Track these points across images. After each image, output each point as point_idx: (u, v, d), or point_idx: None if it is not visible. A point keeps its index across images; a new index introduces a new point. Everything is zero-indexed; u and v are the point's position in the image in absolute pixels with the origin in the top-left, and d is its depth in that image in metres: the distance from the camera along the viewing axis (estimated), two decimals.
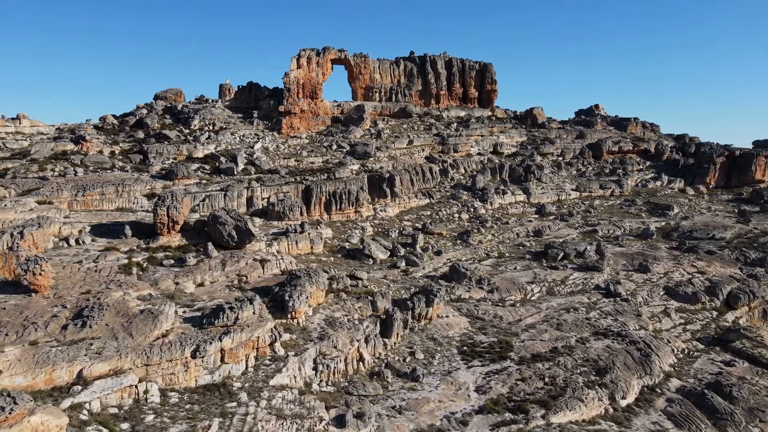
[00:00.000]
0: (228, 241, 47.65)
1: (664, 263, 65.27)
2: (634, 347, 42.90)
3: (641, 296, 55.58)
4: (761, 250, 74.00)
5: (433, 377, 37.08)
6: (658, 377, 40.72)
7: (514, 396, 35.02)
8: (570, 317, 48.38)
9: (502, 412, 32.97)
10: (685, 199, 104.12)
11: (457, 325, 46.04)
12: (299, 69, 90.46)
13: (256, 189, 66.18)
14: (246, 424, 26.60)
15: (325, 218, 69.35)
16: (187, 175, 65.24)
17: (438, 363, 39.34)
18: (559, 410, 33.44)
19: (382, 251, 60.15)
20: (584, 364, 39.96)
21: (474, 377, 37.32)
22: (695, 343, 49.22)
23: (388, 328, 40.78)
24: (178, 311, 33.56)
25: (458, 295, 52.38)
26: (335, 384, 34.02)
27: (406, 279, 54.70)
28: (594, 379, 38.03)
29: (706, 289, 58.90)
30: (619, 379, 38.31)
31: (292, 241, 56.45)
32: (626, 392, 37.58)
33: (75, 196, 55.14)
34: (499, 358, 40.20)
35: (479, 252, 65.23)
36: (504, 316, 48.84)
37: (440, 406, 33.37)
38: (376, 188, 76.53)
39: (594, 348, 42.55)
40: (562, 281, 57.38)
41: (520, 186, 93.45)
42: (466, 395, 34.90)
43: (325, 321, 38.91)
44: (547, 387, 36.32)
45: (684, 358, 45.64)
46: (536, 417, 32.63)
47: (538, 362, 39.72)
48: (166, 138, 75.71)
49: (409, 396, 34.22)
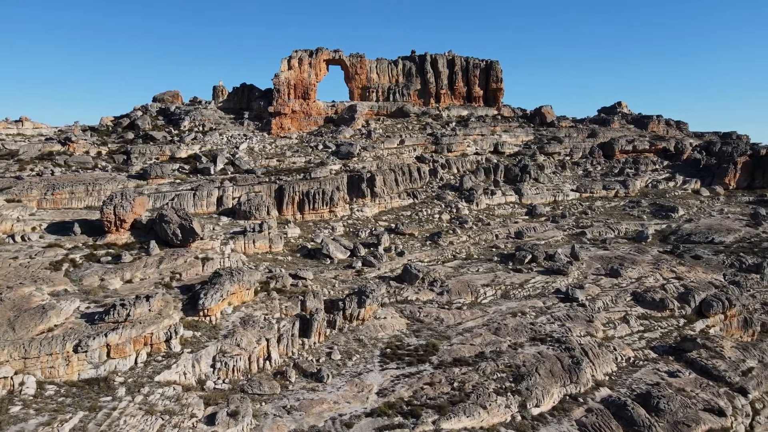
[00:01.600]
0: (172, 239, 48.78)
1: (642, 268, 62.53)
2: (567, 354, 41.31)
3: (603, 301, 53.42)
4: (761, 255, 69.93)
5: (341, 379, 36.84)
6: (585, 386, 39.08)
7: (414, 400, 34.37)
8: (513, 322, 47.02)
9: (393, 416, 32.42)
10: (696, 201, 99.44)
11: (392, 326, 45.54)
12: (290, 70, 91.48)
13: (228, 188, 67.37)
14: (110, 419, 27.21)
15: (298, 218, 69.92)
16: (161, 174, 67.12)
17: (353, 364, 39.05)
18: (453, 416, 32.61)
19: (342, 251, 60.10)
20: (505, 370, 38.78)
21: (383, 380, 36.86)
22: (648, 351, 46.93)
23: (308, 327, 40.79)
24: (81, 307, 34.63)
25: (405, 297, 51.83)
26: (233, 382, 34.29)
27: (356, 280, 54.47)
28: (508, 386, 36.87)
29: (679, 295, 56.09)
30: (537, 386, 36.99)
31: (249, 240, 57.16)
32: (540, 400, 36.25)
33: (44, 194, 57.66)
34: (418, 362, 39.53)
35: (446, 253, 64.24)
36: (446, 318, 47.95)
37: (333, 407, 33.13)
38: (355, 188, 76.50)
39: (523, 354, 41.23)
40: (521, 285, 55.81)
41: (513, 186, 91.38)
42: (365, 398, 34.51)
43: (242, 319, 39.30)
44: (453, 392, 35.46)
45: (627, 367, 43.62)
46: (426, 422, 31.92)
47: (456, 367, 38.83)
48: (152, 139, 78.12)
49: (305, 396, 34.14)
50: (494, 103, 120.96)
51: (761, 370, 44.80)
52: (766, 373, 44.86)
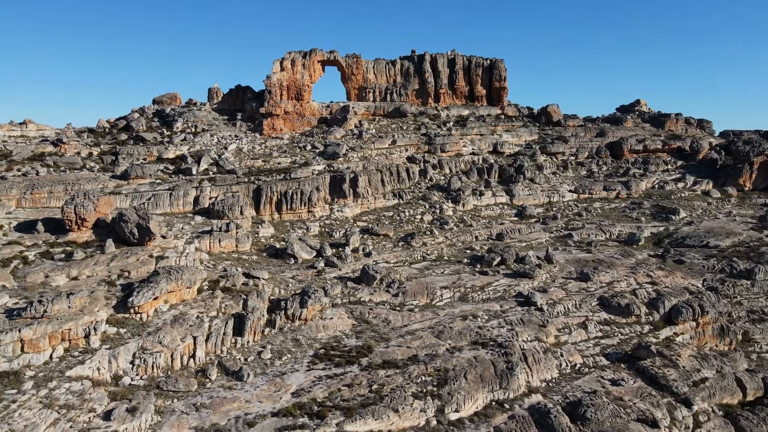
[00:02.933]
0: (129, 238, 50.11)
1: (617, 272, 60.55)
2: (504, 359, 40.41)
3: (564, 306, 51.98)
4: (755, 260, 66.79)
5: (262, 378, 37.10)
6: (516, 392, 38.19)
7: (327, 401, 34.30)
8: (460, 325, 46.27)
9: (298, 417, 32.44)
10: (703, 203, 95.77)
11: (335, 327, 45.53)
12: (283, 72, 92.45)
13: (206, 189, 68.67)
14: (6, 411, 28.21)
15: (275, 218, 70.69)
16: (141, 175, 68.98)
17: (281, 364, 39.25)
18: (360, 419, 32.37)
19: (307, 252, 60.43)
20: (432, 374, 38.23)
21: (304, 380, 36.92)
22: (600, 358, 45.46)
23: (243, 326, 41.24)
24: (9, 303, 36.01)
25: (359, 298, 51.73)
26: (151, 379, 34.99)
27: (315, 280, 54.67)
28: (430, 390, 36.36)
29: (650, 301, 54.10)
30: (459, 391, 36.35)
31: (215, 240, 58.12)
32: (461, 405, 35.62)
33: (24, 194, 60.10)
34: (347, 363, 39.42)
35: (416, 255, 63.73)
36: (393, 320, 47.62)
37: (242, 406, 33.41)
38: (337, 188, 76.77)
39: (458, 358, 40.54)
40: (482, 287, 54.85)
41: (505, 187, 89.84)
42: (278, 398, 34.65)
43: (174, 317, 40.04)
44: (370, 395, 35.20)
45: (570, 374, 42.38)
46: (330, 424, 31.83)
47: (383, 369, 38.53)
48: (142, 140, 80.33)
49: (219, 395, 34.52)
50: (498, 103, 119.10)
51: (717, 381, 42.79)
52: (723, 384, 42.87)
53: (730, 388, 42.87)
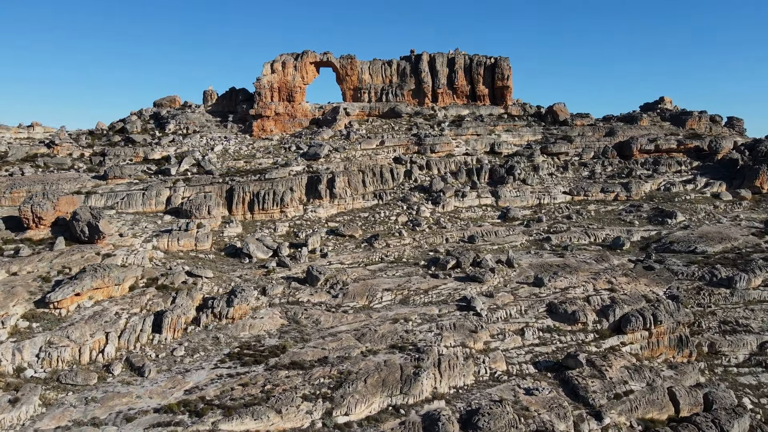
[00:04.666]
0: (80, 236, 52.34)
1: (577, 277, 58.49)
2: (414, 364, 39.87)
3: (506, 311, 50.66)
4: (741, 268, 63.07)
5: (165, 375, 38.04)
6: (417, 398, 37.63)
7: (215, 400, 34.86)
8: (387, 328, 45.92)
9: (178, 414, 33.11)
10: (709, 206, 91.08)
11: (262, 326, 46.10)
12: (273, 74, 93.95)
13: (180, 189, 70.72)
14: None
15: (248, 217, 72.04)
16: (120, 175, 71.77)
17: (190, 362, 40.12)
18: (237, 418, 32.74)
19: (263, 251, 61.30)
20: (333, 376, 38.17)
21: (204, 378, 37.62)
22: (528, 366, 44.12)
23: (161, 323, 42.40)
24: None
25: (298, 298, 52.11)
26: (54, 372, 36.52)
27: (262, 279, 55.41)
28: (324, 392, 36.32)
29: (602, 309, 51.96)
30: (353, 394, 36.14)
31: (174, 238, 59.84)
32: (352, 409, 35.40)
33: (4, 193, 63.72)
34: (255, 363, 39.88)
35: (375, 256, 63.49)
36: (324, 321, 47.77)
37: (131, 401, 34.39)
38: (313, 189, 77.43)
39: (368, 361, 40.30)
40: (427, 291, 54.14)
41: (492, 188, 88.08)
42: (169, 394, 35.46)
43: (95, 313, 41.61)
44: (260, 395, 35.53)
45: (487, 381, 41.37)
46: (206, 422, 32.35)
47: (287, 370, 38.79)
48: (132, 141, 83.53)
49: (114, 390, 35.64)
50: (501, 102, 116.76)
51: (643, 394, 40.73)
52: (651, 398, 40.76)
53: (659, 403, 40.69)
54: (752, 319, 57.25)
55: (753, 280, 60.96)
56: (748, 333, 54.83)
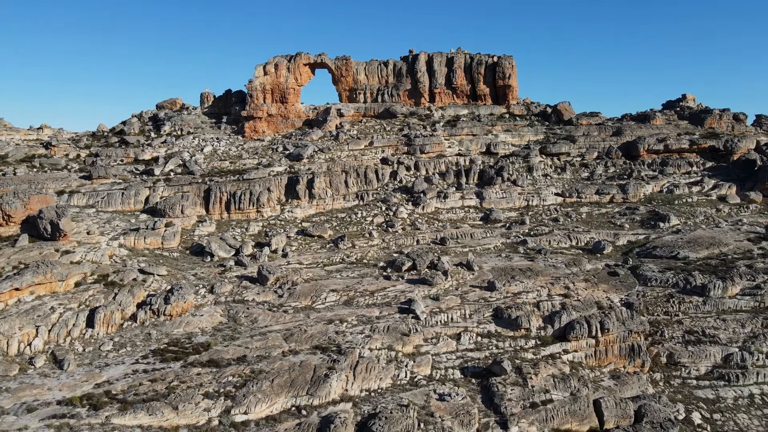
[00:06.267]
0: (44, 234, 54.91)
1: (534, 282, 57.04)
2: (328, 365, 40.00)
3: (448, 316, 50.02)
4: (719, 275, 60.11)
5: (85, 368, 39.55)
6: (323, 399, 37.76)
7: (120, 394, 35.98)
8: (319, 329, 46.15)
9: (79, 407, 34.36)
10: (711, 209, 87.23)
11: (198, 324, 47.19)
12: (266, 76, 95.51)
13: (159, 188, 72.98)
14: None
15: (224, 217, 73.62)
16: (105, 175, 74.73)
17: (114, 356, 41.55)
18: (132, 413, 33.73)
19: (225, 250, 62.56)
20: (243, 374, 38.72)
21: (119, 373, 38.90)
22: (455, 371, 43.48)
23: (95, 319, 44.04)
24: None
25: (244, 297, 52.95)
26: None
27: (216, 278, 56.59)
28: (228, 390, 36.92)
29: (550, 315, 50.50)
30: (257, 393, 36.59)
31: (141, 237, 61.88)
32: (251, 408, 35.84)
33: None
34: (174, 359, 40.86)
35: (337, 257, 63.68)
36: (261, 320, 48.46)
37: (41, 393, 35.91)
38: (292, 189, 78.35)
39: (285, 361, 40.72)
40: (374, 292, 53.99)
41: (478, 190, 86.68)
42: (79, 387, 36.83)
43: (31, 307, 43.65)
44: (163, 390, 36.43)
45: (405, 385, 41.04)
46: (100, 416, 33.50)
47: (202, 367, 39.62)
48: (126, 143, 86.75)
49: (30, 381, 37.32)
50: (504, 101, 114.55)
51: (563, 404, 39.50)
52: (572, 408, 39.49)
53: (581, 414, 39.35)
54: (722, 329, 54.47)
55: (730, 288, 57.99)
56: (713, 344, 52.29)
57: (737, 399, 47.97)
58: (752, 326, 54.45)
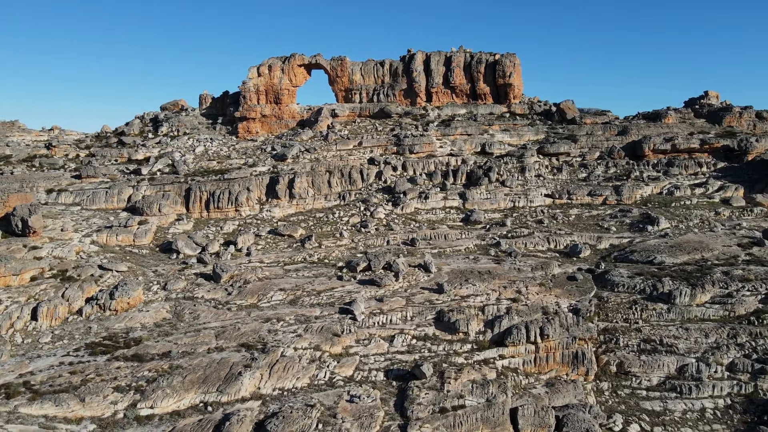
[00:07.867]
0: (15, 230, 57.99)
1: (487, 285, 56.07)
2: (245, 363, 40.70)
3: (387, 317, 49.84)
4: (690, 282, 57.54)
5: (16, 359, 41.62)
6: (232, 396, 38.37)
7: (36, 385, 37.68)
8: (252, 327, 46.94)
9: None
10: (709, 212, 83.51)
11: (141, 320, 48.78)
12: (260, 77, 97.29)
13: (142, 187, 75.67)
14: None
15: (204, 215, 75.62)
16: (93, 174, 78.05)
17: (48, 348, 43.53)
18: (39, 403, 35.34)
19: (192, 248, 64.25)
20: (160, 369, 39.85)
21: (47, 365, 40.78)
22: (378, 374, 43.36)
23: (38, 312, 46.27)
24: None
25: (194, 294, 54.32)
26: None
27: (175, 275, 58.21)
28: (139, 385, 38.09)
29: (493, 319, 49.60)
30: (165, 388, 37.59)
31: (113, 234, 64.41)
32: (157, 403, 36.87)
33: None
34: (102, 353, 42.44)
35: (299, 256, 64.35)
36: (203, 317, 49.66)
37: None
38: (273, 189, 79.61)
39: (207, 357, 41.68)
40: (320, 292, 54.35)
41: (461, 190, 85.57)
42: (3, 377, 38.81)
43: None
44: (77, 383, 37.95)
45: (321, 386, 41.17)
46: (10, 405, 35.24)
47: (123, 362, 41.03)
48: (123, 143, 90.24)
49: None
50: (505, 100, 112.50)
51: (475, 410, 38.69)
52: (485, 415, 38.62)
53: (494, 421, 38.43)
54: (683, 338, 52.00)
55: (699, 295, 55.29)
56: (669, 354, 50.01)
57: (686, 412, 45.71)
58: (717, 336, 51.74)
